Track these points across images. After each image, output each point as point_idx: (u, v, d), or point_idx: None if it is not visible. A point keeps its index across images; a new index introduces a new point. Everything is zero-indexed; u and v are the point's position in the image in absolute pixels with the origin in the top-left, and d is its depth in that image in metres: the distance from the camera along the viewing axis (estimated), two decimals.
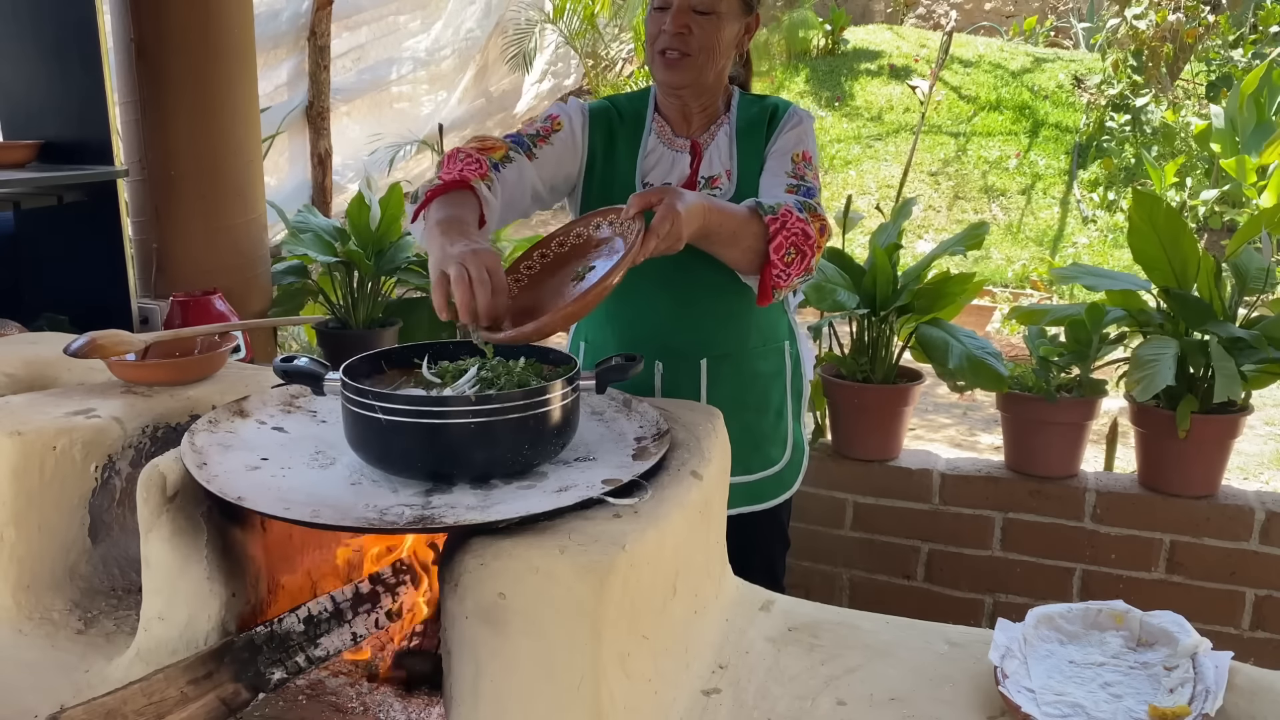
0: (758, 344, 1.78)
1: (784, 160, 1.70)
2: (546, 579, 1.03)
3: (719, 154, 1.74)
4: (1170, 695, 1.15)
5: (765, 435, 1.81)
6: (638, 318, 1.76)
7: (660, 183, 1.74)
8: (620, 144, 1.76)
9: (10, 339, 1.97)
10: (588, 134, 1.76)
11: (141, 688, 1.10)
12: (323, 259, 3.26)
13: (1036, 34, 10.99)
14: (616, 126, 1.77)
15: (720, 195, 1.69)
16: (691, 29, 1.62)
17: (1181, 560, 2.43)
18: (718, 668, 1.26)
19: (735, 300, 1.71)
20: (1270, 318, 2.35)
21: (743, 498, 1.78)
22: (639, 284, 1.61)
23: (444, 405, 1.14)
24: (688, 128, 1.76)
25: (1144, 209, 2.35)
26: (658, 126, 1.77)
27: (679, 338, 1.74)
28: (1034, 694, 1.15)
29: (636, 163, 1.74)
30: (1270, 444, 4.47)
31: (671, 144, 1.76)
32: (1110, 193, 8.07)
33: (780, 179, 1.68)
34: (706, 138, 1.75)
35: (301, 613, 1.21)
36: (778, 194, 1.63)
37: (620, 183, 1.74)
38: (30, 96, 2.75)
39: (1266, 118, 7.17)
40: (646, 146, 1.76)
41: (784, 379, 1.82)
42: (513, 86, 9.13)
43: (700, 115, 1.76)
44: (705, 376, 1.75)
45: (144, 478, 1.23)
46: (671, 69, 1.66)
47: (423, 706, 1.22)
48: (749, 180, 1.71)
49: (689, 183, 1.73)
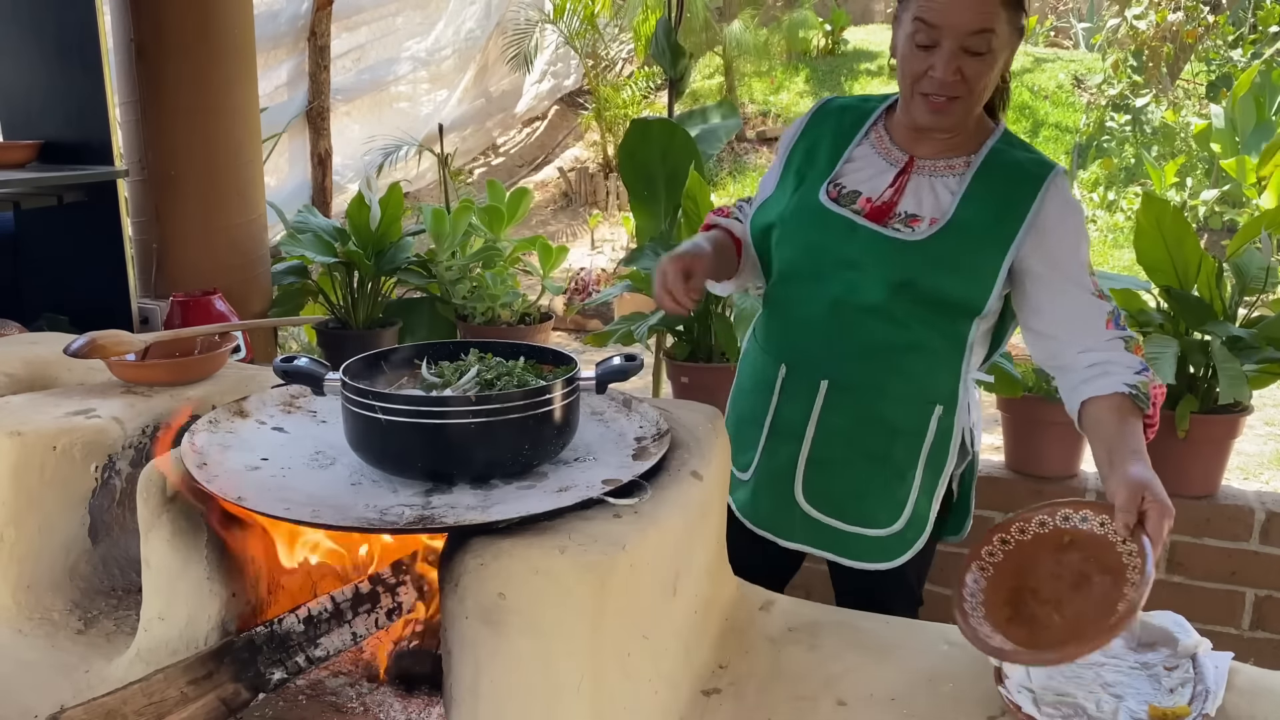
0: (897, 393, 1.56)
1: (1080, 271, 1.47)
2: (546, 579, 1.03)
3: (936, 195, 1.51)
4: (1170, 695, 1.15)
5: (870, 491, 1.59)
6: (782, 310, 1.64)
7: (853, 188, 1.54)
8: (826, 143, 1.60)
9: (10, 339, 1.97)
10: (798, 134, 1.63)
11: (141, 688, 1.10)
12: (322, 259, 3.26)
13: (1036, 34, 10.99)
14: (829, 125, 1.61)
15: (904, 235, 1.49)
16: (964, 73, 1.41)
17: (1181, 560, 2.43)
18: (718, 668, 1.26)
19: (881, 331, 1.53)
20: (1270, 318, 2.35)
21: (831, 543, 1.61)
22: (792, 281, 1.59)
23: (444, 405, 1.14)
24: (915, 147, 1.54)
25: (1152, 212, 2.35)
26: (876, 137, 1.58)
27: (806, 343, 1.60)
28: (1034, 694, 1.16)
29: (836, 166, 1.57)
30: (1270, 444, 4.47)
31: (887, 155, 1.56)
32: (1110, 193, 8.07)
33: (1086, 300, 1.46)
34: (928, 165, 1.53)
35: (301, 613, 1.21)
36: (1092, 324, 1.45)
37: (809, 184, 1.57)
38: (30, 96, 2.75)
39: (1266, 117, 7.17)
40: (853, 153, 1.57)
41: (921, 442, 1.57)
42: (513, 86, 9.13)
43: (940, 143, 1.53)
44: (821, 399, 1.58)
45: (144, 478, 1.23)
46: (938, 113, 1.45)
47: (423, 706, 1.22)
48: (951, 240, 1.48)
49: (884, 206, 1.52)
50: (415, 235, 3.45)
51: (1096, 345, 1.45)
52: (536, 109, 9.91)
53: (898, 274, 1.49)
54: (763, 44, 9.72)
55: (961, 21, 1.38)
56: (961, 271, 1.48)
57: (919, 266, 1.48)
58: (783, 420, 1.62)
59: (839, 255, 1.52)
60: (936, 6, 1.39)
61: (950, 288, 1.49)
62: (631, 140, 2.98)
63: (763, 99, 10.11)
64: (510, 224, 3.70)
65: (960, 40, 1.39)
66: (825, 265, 1.54)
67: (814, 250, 1.55)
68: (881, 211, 1.52)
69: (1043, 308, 1.49)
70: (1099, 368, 1.44)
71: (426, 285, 3.52)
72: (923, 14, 1.40)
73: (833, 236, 1.52)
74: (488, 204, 3.68)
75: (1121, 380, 1.41)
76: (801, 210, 1.56)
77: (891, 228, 1.50)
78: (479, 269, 3.50)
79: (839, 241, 1.52)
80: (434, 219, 3.42)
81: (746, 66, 10.04)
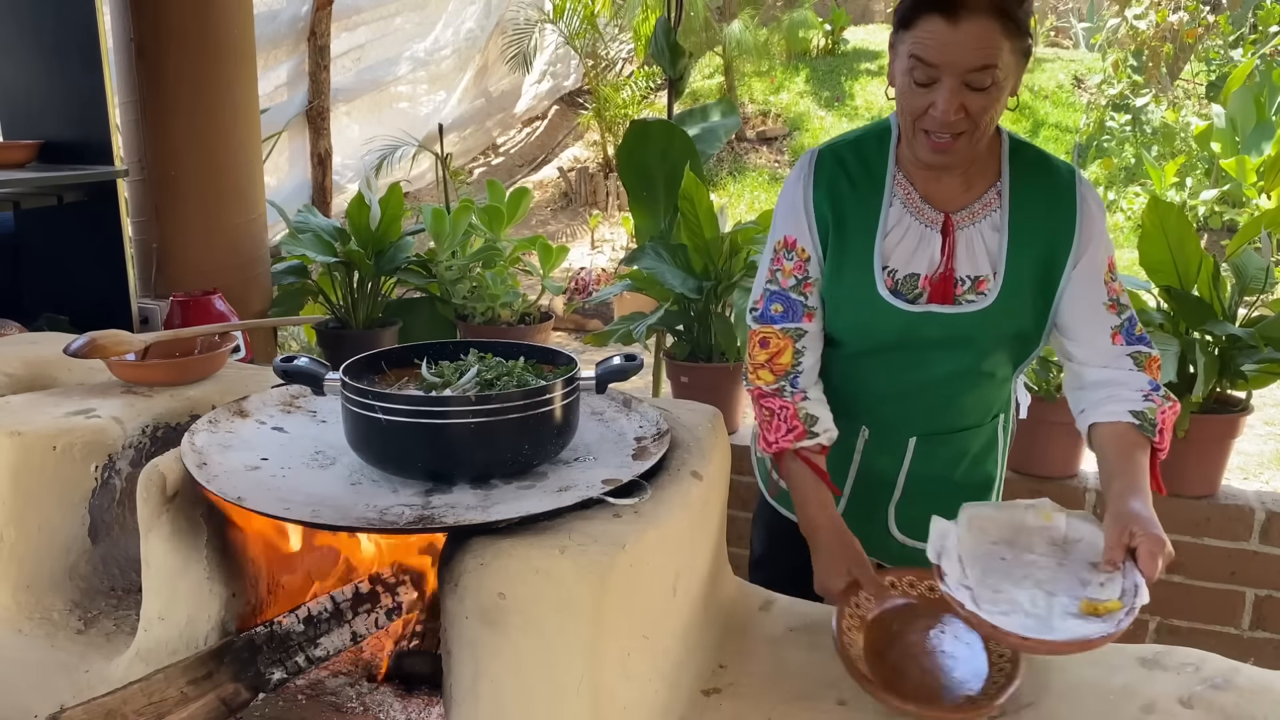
0: (973, 423, 1.58)
1: (1098, 278, 1.43)
2: (546, 579, 1.03)
3: (984, 244, 1.43)
4: (1101, 589, 1.17)
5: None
6: (855, 381, 1.56)
7: (906, 272, 1.44)
8: (851, 213, 1.46)
9: (10, 339, 1.97)
10: (814, 210, 1.47)
11: (141, 688, 1.10)
12: (323, 259, 3.26)
13: (1036, 34, 10.98)
14: (845, 191, 1.47)
15: (978, 303, 1.43)
16: (968, 109, 1.31)
17: (1181, 560, 2.42)
18: (718, 668, 1.26)
19: (958, 385, 1.52)
20: (1270, 318, 2.35)
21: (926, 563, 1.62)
22: (863, 357, 1.52)
23: (444, 405, 1.14)
24: (941, 192, 1.45)
25: (1157, 215, 2.35)
26: (903, 192, 1.45)
27: (889, 411, 1.56)
28: (971, 591, 1.17)
29: (875, 241, 1.44)
30: (1270, 444, 4.47)
31: (920, 214, 1.44)
32: (1110, 193, 8.06)
33: (1099, 314, 1.43)
34: (966, 216, 1.44)
35: (301, 613, 1.21)
36: (1100, 338, 1.42)
37: (853, 263, 1.45)
38: (30, 96, 2.75)
39: (1266, 117, 7.16)
40: (888, 220, 1.45)
41: (996, 451, 1.62)
42: (512, 86, 9.14)
43: (959, 181, 1.44)
44: (910, 454, 1.57)
45: (144, 478, 1.23)
46: (941, 153, 1.36)
47: (423, 706, 1.22)
48: (1016, 285, 1.42)
49: (944, 280, 1.43)
50: (415, 235, 3.45)
51: (1106, 361, 1.43)
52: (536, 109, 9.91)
53: (988, 340, 1.47)
54: (763, 44, 9.72)
55: (962, 59, 1.28)
56: (1033, 313, 1.45)
57: (1002, 325, 1.45)
58: (870, 473, 1.60)
59: (925, 342, 1.46)
60: (934, 45, 1.28)
61: (1024, 328, 1.46)
62: (631, 140, 2.98)
63: (763, 99, 10.11)
64: (510, 224, 3.70)
65: (961, 77, 1.29)
66: (910, 351, 1.48)
67: (895, 343, 1.48)
68: (944, 286, 1.44)
69: (1059, 315, 1.46)
70: (1105, 390, 1.42)
71: (426, 285, 3.52)
72: (919, 52, 1.30)
73: (913, 330, 1.45)
74: (488, 204, 3.68)
75: (1127, 408, 1.38)
76: (866, 304, 1.46)
77: (963, 300, 1.44)
78: (479, 269, 3.49)
79: (921, 332, 1.45)
80: (434, 219, 3.42)
81: (746, 66, 10.05)
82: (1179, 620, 2.44)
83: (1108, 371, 1.42)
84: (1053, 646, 1.09)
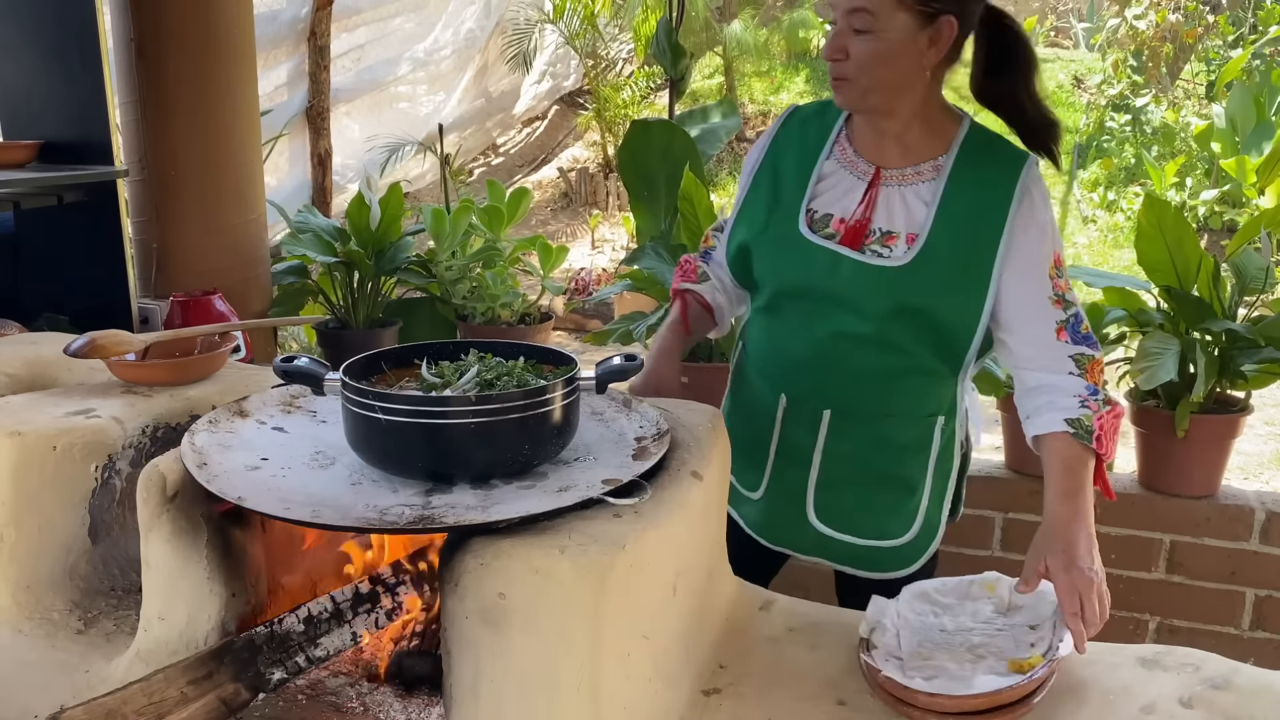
0: (899, 412, 1.55)
1: (1041, 273, 1.43)
2: (546, 579, 1.03)
3: (908, 207, 1.47)
4: (1031, 649, 1.21)
5: (883, 506, 1.59)
6: (771, 338, 1.62)
7: (824, 213, 1.51)
8: (791, 158, 1.56)
9: (10, 339, 1.97)
10: (768, 145, 1.60)
11: (141, 688, 1.10)
12: (323, 259, 3.26)
13: (1036, 34, 10.98)
14: (796, 146, 1.57)
15: (886, 259, 1.45)
16: (849, 51, 1.40)
17: (1181, 560, 2.43)
18: (718, 668, 1.26)
19: (879, 358, 1.51)
20: (1270, 317, 2.35)
21: (847, 557, 1.61)
22: (777, 307, 1.58)
23: (444, 405, 1.14)
24: (878, 154, 1.50)
25: (1153, 214, 2.35)
26: (839, 148, 1.54)
27: (803, 378, 1.58)
28: (901, 661, 1.20)
29: (807, 187, 1.53)
30: (1270, 444, 4.47)
31: (853, 167, 1.52)
32: (1110, 193, 8.07)
33: (1042, 309, 1.43)
34: (895, 176, 1.49)
35: (301, 613, 1.21)
36: (1043, 336, 1.43)
37: (784, 206, 1.54)
38: (30, 96, 2.75)
39: (1266, 117, 7.17)
40: (823, 170, 1.54)
41: (927, 455, 1.57)
42: (512, 87, 9.14)
43: (896, 143, 1.49)
44: (825, 428, 1.57)
45: (144, 478, 1.23)
46: (835, 92, 1.46)
47: (423, 706, 1.22)
48: (934, 258, 1.44)
49: (857, 226, 1.48)
50: (415, 235, 3.45)
51: (1047, 362, 1.43)
52: (536, 109, 9.91)
53: (888, 304, 1.46)
54: (763, 44, 9.73)
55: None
56: (951, 294, 1.45)
57: (908, 294, 1.45)
58: (789, 446, 1.61)
59: (827, 290, 1.49)
60: None
61: (943, 312, 1.46)
62: (632, 140, 2.98)
63: (763, 99, 10.11)
64: (510, 224, 3.70)
65: (844, 18, 1.40)
66: (815, 300, 1.52)
67: (802, 286, 1.53)
68: (856, 233, 1.48)
69: (1000, 311, 1.45)
70: (1044, 395, 1.42)
71: (426, 285, 3.52)
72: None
73: (818, 272, 1.49)
74: (488, 204, 3.68)
75: (1062, 416, 1.38)
76: (783, 241, 1.53)
77: (870, 250, 1.47)
78: (479, 269, 3.50)
79: (825, 277, 1.49)
80: (434, 219, 3.42)
81: (746, 66, 10.05)
82: (1179, 620, 2.44)
83: (1046, 375, 1.43)
84: (962, 704, 1.11)
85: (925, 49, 1.40)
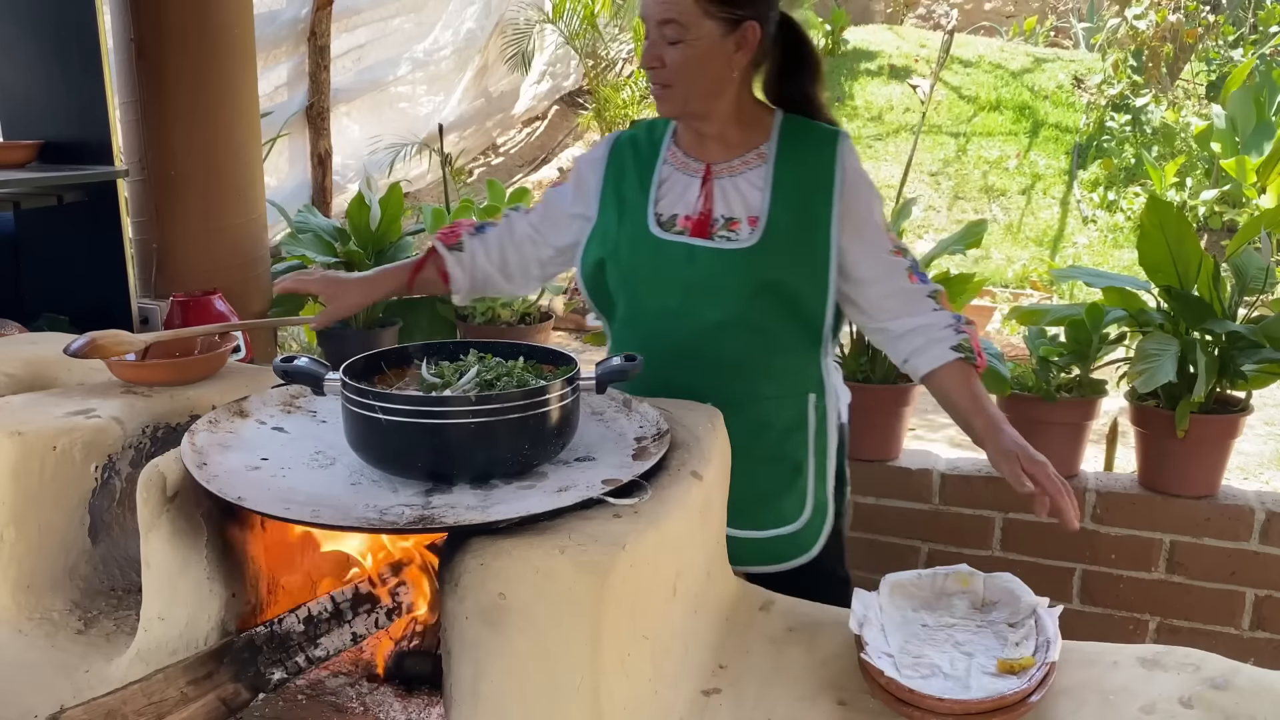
0: (773, 394, 1.64)
1: (877, 230, 1.59)
2: (546, 579, 1.03)
3: (743, 194, 1.60)
4: (1017, 648, 1.22)
5: (777, 490, 1.66)
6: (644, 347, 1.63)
7: (670, 214, 1.62)
8: (630, 173, 1.67)
9: (10, 339, 1.97)
10: (604, 172, 1.70)
11: (141, 688, 1.10)
12: (323, 259, 3.26)
13: (1036, 34, 10.99)
14: (628, 157, 1.69)
15: (736, 242, 1.57)
16: (664, 60, 1.53)
17: (1181, 560, 2.43)
18: (718, 668, 1.26)
19: (747, 343, 1.61)
20: (1270, 317, 2.35)
21: (755, 555, 1.65)
22: (650, 320, 1.63)
23: (444, 405, 1.14)
24: (705, 153, 1.64)
25: (1156, 215, 2.35)
26: (670, 153, 1.67)
27: (678, 380, 1.59)
28: (893, 658, 1.21)
29: (650, 194, 1.64)
30: (1270, 444, 4.47)
31: (685, 167, 1.65)
32: (1110, 193, 8.06)
33: (888, 259, 1.59)
34: (725, 169, 1.62)
35: (301, 613, 1.21)
36: (899, 283, 1.58)
37: (631, 216, 1.64)
38: (30, 96, 2.75)
39: (1266, 117, 7.16)
40: (659, 176, 1.65)
41: (805, 433, 1.66)
42: (512, 87, 9.13)
43: (717, 141, 1.63)
44: None
45: (144, 478, 1.23)
46: (657, 100, 1.59)
47: (423, 706, 1.22)
48: (778, 233, 1.56)
49: (702, 218, 1.60)
50: (415, 235, 3.45)
51: (911, 309, 1.58)
52: (536, 109, 9.90)
53: (748, 284, 1.56)
54: None
55: (653, 12, 1.52)
56: (800, 265, 1.56)
57: (763, 270, 1.55)
58: None
59: (687, 282, 1.58)
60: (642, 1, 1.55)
61: (797, 283, 1.57)
62: None
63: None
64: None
65: (656, 29, 1.52)
66: (677, 298, 1.59)
67: (662, 283, 1.61)
68: (702, 224, 1.60)
69: (852, 272, 1.58)
70: (920, 334, 1.57)
71: None
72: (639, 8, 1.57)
73: (676, 267, 1.58)
74: (488, 204, 3.68)
75: (949, 346, 1.55)
76: (637, 245, 1.62)
77: (719, 237, 1.58)
78: None
79: (684, 270, 1.58)
80: (434, 219, 3.42)
81: None
82: (1179, 620, 2.44)
83: (914, 319, 1.58)
84: (967, 706, 1.12)
85: (733, 53, 1.55)
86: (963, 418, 1.56)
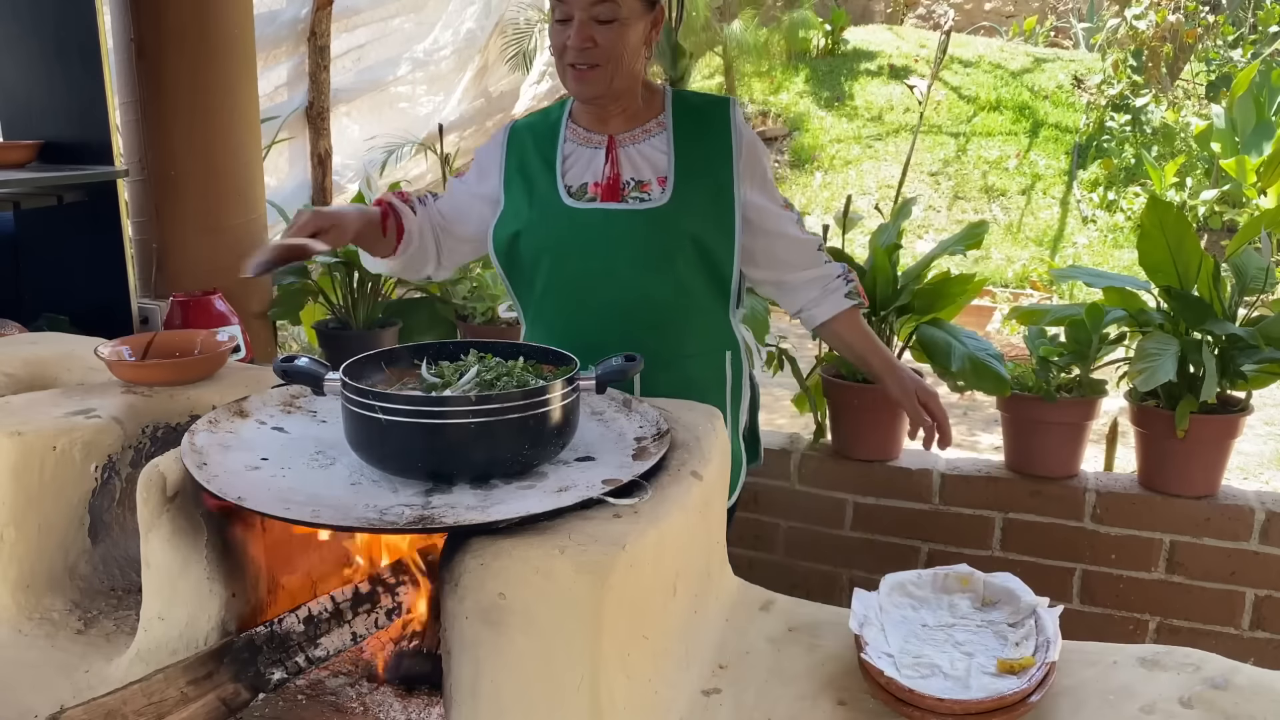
0: (693, 351, 1.73)
1: (771, 186, 1.72)
2: (546, 579, 1.03)
3: (649, 158, 1.68)
4: (1016, 648, 1.22)
5: None
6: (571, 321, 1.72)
7: (578, 184, 1.68)
8: (532, 154, 1.72)
9: (10, 339, 1.97)
10: (504, 156, 1.74)
11: (141, 688, 1.10)
12: (323, 259, 3.26)
13: (1036, 34, 10.99)
14: (527, 140, 1.74)
15: (650, 202, 1.65)
16: (596, 40, 1.57)
17: (1181, 560, 2.43)
18: (718, 668, 1.26)
19: (670, 307, 1.68)
20: (1270, 317, 2.35)
21: None
22: (572, 288, 1.68)
23: (444, 405, 1.14)
24: (607, 127, 1.71)
25: (1156, 215, 2.35)
26: (570, 131, 1.72)
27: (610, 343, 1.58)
28: (893, 658, 1.21)
29: (556, 170, 1.69)
30: (1270, 444, 4.47)
31: (587, 141, 1.71)
32: (1110, 193, 8.06)
33: (781, 213, 1.72)
34: (628, 138, 1.70)
35: (301, 613, 1.21)
36: (788, 229, 1.72)
37: (541, 193, 1.69)
38: (30, 96, 2.75)
39: (1266, 117, 7.17)
40: (563, 153, 1.71)
41: (723, 389, 1.77)
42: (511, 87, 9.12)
43: (620, 116, 1.70)
44: (638, 383, 1.67)
45: (144, 478, 1.23)
46: (582, 82, 1.62)
47: (423, 706, 1.22)
48: (687, 190, 1.65)
49: (611, 182, 1.68)
50: None
51: (806, 262, 1.74)
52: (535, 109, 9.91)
53: (665, 241, 1.64)
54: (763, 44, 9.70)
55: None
56: (711, 219, 1.65)
57: (679, 224, 1.64)
58: None
59: (608, 244, 1.64)
60: None
61: (709, 237, 1.65)
62: None
63: (762, 99, 10.11)
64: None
65: (587, 11, 1.56)
66: (598, 258, 1.65)
67: (582, 248, 1.66)
68: (611, 188, 1.67)
69: (754, 223, 1.68)
70: (815, 285, 1.75)
71: (426, 285, 3.52)
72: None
73: (593, 230, 1.65)
74: None
75: (843, 294, 1.74)
76: (551, 216, 1.67)
77: (631, 199, 1.65)
78: (479, 269, 3.49)
79: (601, 232, 1.64)
80: None
81: (746, 66, 10.03)
82: (1179, 620, 2.44)
83: (810, 271, 1.75)
84: (967, 706, 1.12)
85: (648, 31, 1.64)
86: (860, 357, 1.78)
